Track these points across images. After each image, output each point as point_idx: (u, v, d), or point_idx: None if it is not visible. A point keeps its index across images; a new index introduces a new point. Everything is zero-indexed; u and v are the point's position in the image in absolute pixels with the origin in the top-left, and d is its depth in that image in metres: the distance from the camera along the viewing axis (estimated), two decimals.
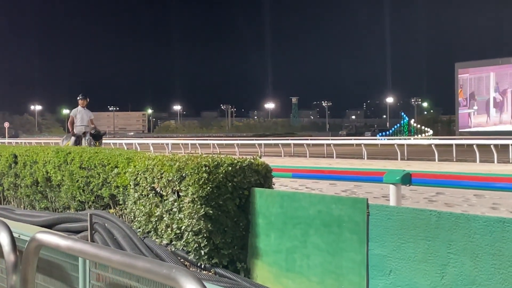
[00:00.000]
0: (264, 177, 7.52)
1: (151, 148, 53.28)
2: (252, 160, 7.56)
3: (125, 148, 31.60)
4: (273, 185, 7.92)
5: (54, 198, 11.47)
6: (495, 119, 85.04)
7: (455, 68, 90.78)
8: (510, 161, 33.50)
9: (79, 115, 18.72)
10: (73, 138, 18.31)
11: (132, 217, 8.75)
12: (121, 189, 9.32)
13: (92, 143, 17.48)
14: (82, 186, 10.41)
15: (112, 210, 9.84)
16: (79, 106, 18.88)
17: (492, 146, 34.61)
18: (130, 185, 8.71)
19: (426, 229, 5.09)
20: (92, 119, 19.01)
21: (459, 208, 13.78)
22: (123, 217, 9.34)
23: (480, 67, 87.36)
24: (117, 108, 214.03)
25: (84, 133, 18.21)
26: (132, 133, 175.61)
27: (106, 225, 9.04)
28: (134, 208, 8.57)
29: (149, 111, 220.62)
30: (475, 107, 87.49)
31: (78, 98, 18.98)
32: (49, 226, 10.01)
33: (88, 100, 19.09)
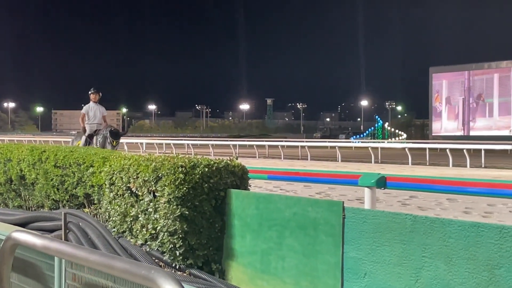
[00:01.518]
0: (240, 178, 7.53)
1: (125, 147, 53.05)
2: (228, 161, 7.56)
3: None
4: (249, 187, 7.93)
5: (28, 196, 11.38)
6: (468, 125, 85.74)
7: (430, 72, 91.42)
8: (483, 166, 33.79)
9: (91, 112, 17.15)
10: (84, 137, 16.76)
11: (107, 217, 8.71)
12: (96, 188, 9.28)
13: (109, 140, 15.73)
14: (56, 185, 10.35)
15: (86, 210, 9.79)
16: (91, 102, 17.33)
17: (464, 150, 34.90)
18: (106, 184, 8.67)
19: (401, 232, 5.13)
20: (105, 116, 17.45)
21: (432, 211, 13.89)
22: (98, 216, 9.30)
23: (454, 72, 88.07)
24: None
25: (96, 131, 16.62)
26: None
27: (80, 224, 9.00)
28: (109, 207, 8.54)
29: (124, 110, 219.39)
30: (450, 112, 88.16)
31: (89, 92, 17.46)
32: (23, 224, 9.94)
33: (100, 94, 17.60)
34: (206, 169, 7.20)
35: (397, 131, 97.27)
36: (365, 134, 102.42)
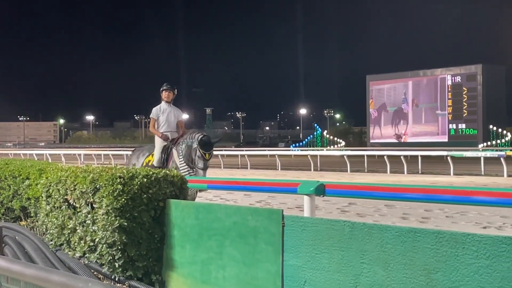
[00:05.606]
0: (179, 188, 7.49)
1: (63, 159, 52.37)
2: (167, 171, 7.53)
3: (36, 159, 30.98)
4: (188, 197, 7.91)
5: None
6: (403, 130, 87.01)
7: (367, 80, 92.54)
8: (419, 172, 34.35)
9: (163, 116, 12.61)
10: (158, 151, 12.24)
11: (44, 230, 8.59)
12: (32, 201, 9.15)
13: (198, 153, 11.35)
14: None
15: (23, 223, 9.64)
16: (163, 102, 12.77)
17: (402, 157, 35.45)
18: (42, 197, 8.55)
19: (340, 239, 5.17)
20: (181, 121, 12.87)
21: (371, 218, 14.05)
22: (35, 229, 9.17)
23: (390, 80, 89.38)
24: (27, 118, 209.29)
25: (173, 141, 12.22)
26: (43, 144, 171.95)
27: (16, 238, 8.85)
28: (46, 220, 8.41)
29: (61, 121, 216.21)
30: (386, 119, 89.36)
31: (161, 89, 12.82)
32: None
33: (175, 92, 12.87)
34: (145, 180, 7.15)
35: (335, 138, 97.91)
36: (304, 142, 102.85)
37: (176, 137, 12.30)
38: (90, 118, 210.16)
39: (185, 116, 12.83)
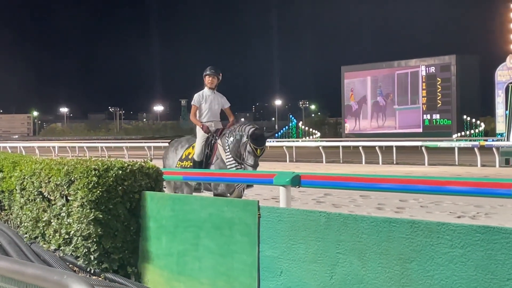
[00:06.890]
0: (155, 180, 7.46)
1: (37, 151, 52.02)
2: (143, 163, 7.50)
3: (10, 152, 30.78)
4: (164, 189, 7.89)
5: None
6: (379, 122, 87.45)
7: (342, 71, 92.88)
8: (394, 162, 34.56)
9: (206, 104, 11.27)
10: (199, 144, 10.93)
11: (19, 223, 8.53)
12: (6, 194, 9.08)
13: (249, 148, 10.07)
14: None
15: None
16: (206, 88, 11.38)
17: (377, 147, 35.63)
18: (16, 189, 8.49)
19: (316, 230, 5.18)
20: (228, 108, 11.58)
21: (346, 208, 14.11)
22: (9, 222, 9.11)
23: (365, 70, 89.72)
24: (1, 111, 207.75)
25: (217, 132, 10.95)
26: (16, 136, 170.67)
27: None
28: (20, 213, 8.36)
29: (35, 113, 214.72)
30: (362, 110, 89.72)
31: (204, 74, 11.44)
32: None
33: (220, 77, 11.46)
34: (120, 172, 7.11)
35: (311, 129, 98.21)
36: (279, 133, 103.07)
37: (221, 128, 11.09)
38: (64, 110, 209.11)
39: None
